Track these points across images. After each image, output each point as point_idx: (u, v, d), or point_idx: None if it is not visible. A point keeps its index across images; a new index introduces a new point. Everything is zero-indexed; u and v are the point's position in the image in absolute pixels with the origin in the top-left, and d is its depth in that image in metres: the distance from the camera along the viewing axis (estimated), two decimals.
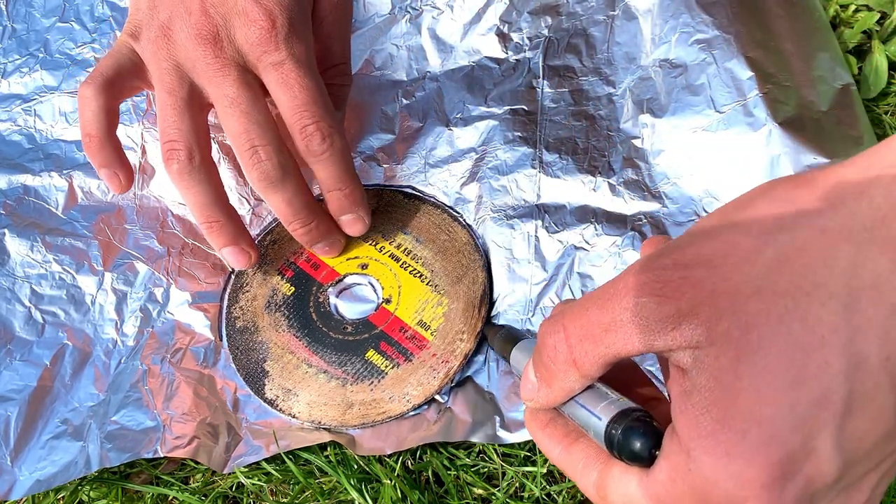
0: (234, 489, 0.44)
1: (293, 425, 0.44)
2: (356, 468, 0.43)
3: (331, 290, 0.48)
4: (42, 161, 0.55)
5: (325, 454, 0.44)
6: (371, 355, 0.45)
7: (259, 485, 0.44)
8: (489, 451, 0.43)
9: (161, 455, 0.44)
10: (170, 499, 0.45)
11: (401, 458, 0.43)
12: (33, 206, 0.54)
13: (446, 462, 0.43)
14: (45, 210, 0.54)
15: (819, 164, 0.44)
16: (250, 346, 0.47)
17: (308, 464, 0.44)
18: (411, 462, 0.43)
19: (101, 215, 0.53)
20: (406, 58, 0.56)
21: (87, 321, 0.49)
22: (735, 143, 0.46)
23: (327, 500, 0.43)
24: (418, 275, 0.48)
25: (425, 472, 0.43)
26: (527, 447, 0.43)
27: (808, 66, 0.48)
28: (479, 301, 0.46)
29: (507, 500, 0.42)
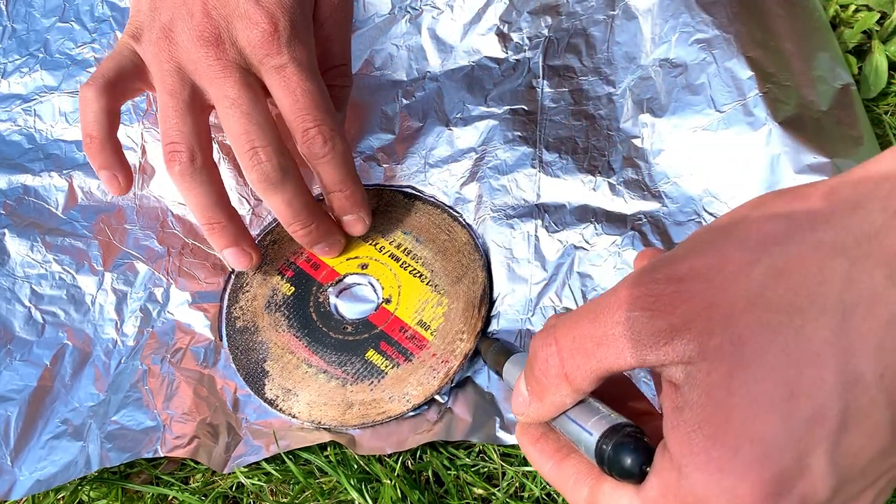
0: (234, 489, 0.44)
1: (293, 425, 0.44)
2: (356, 468, 0.43)
3: (331, 290, 0.48)
4: (42, 161, 0.55)
5: (325, 454, 0.44)
6: (371, 355, 0.45)
7: (259, 485, 0.44)
8: (489, 451, 0.43)
9: (161, 455, 0.44)
10: (170, 499, 0.45)
11: (401, 458, 0.43)
12: (33, 206, 0.54)
13: (446, 462, 0.43)
14: (45, 210, 0.54)
15: (819, 163, 0.44)
16: (250, 346, 0.47)
17: (308, 464, 0.44)
18: (411, 462, 0.43)
19: (101, 215, 0.53)
20: (406, 58, 0.56)
21: (87, 321, 0.49)
22: (735, 143, 0.46)
23: (327, 500, 0.43)
24: (418, 275, 0.48)
25: (425, 472, 0.43)
26: None
27: (808, 65, 0.48)
28: (479, 301, 0.46)
29: (507, 500, 0.42)
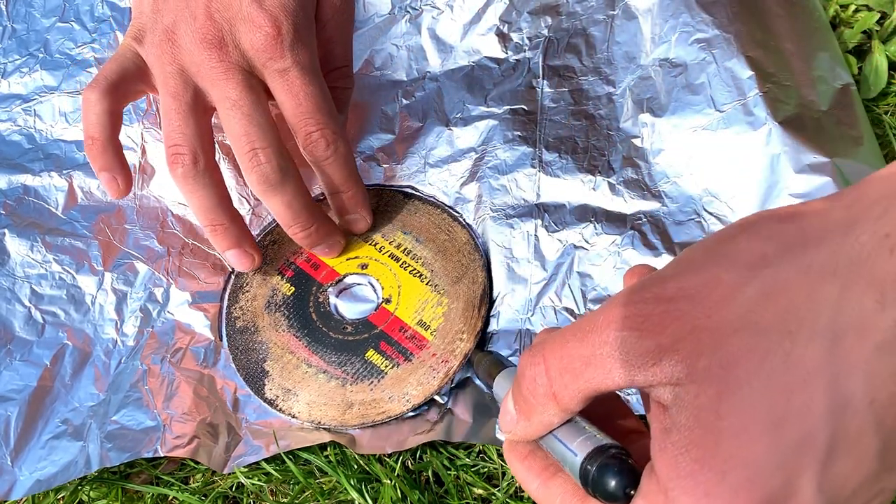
0: (234, 489, 0.44)
1: (293, 425, 0.44)
2: (356, 468, 0.43)
3: (331, 289, 0.48)
4: (42, 161, 0.55)
5: (325, 454, 0.44)
6: (371, 355, 0.45)
7: (259, 485, 0.44)
8: (489, 451, 0.43)
9: (161, 455, 0.44)
10: (170, 499, 0.45)
11: (401, 458, 0.43)
12: (33, 206, 0.54)
13: (446, 462, 0.43)
14: (45, 210, 0.54)
15: (819, 163, 0.44)
16: (250, 346, 0.47)
17: (308, 464, 0.44)
18: (411, 462, 0.43)
19: (101, 215, 0.53)
20: (406, 58, 0.56)
21: (87, 321, 0.49)
22: (735, 143, 0.46)
23: (327, 500, 0.43)
24: (418, 275, 0.48)
25: (425, 472, 0.43)
26: None
27: (808, 65, 0.48)
28: (478, 301, 0.46)
29: (507, 500, 0.42)
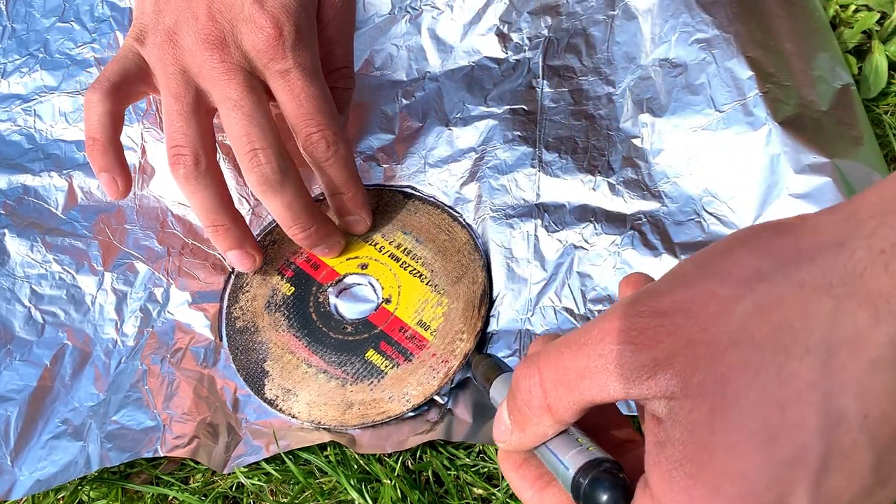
0: (234, 489, 0.44)
1: (293, 425, 0.44)
2: (356, 468, 0.43)
3: (331, 290, 0.48)
4: (42, 161, 0.55)
5: (325, 454, 0.44)
6: (371, 355, 0.45)
7: (259, 485, 0.44)
8: (489, 452, 0.43)
9: (161, 455, 0.44)
10: (170, 499, 0.45)
11: (401, 458, 0.43)
12: (33, 206, 0.54)
13: (446, 462, 0.43)
14: (45, 210, 0.54)
15: (819, 163, 0.44)
16: (250, 346, 0.47)
17: (308, 464, 0.44)
18: (411, 462, 0.43)
19: (101, 215, 0.53)
20: (406, 58, 0.56)
21: (87, 321, 0.49)
22: (735, 143, 0.46)
23: (327, 500, 0.43)
24: (418, 275, 0.48)
25: (425, 472, 0.43)
26: None
27: (808, 65, 0.48)
28: (478, 301, 0.46)
29: (507, 500, 0.42)
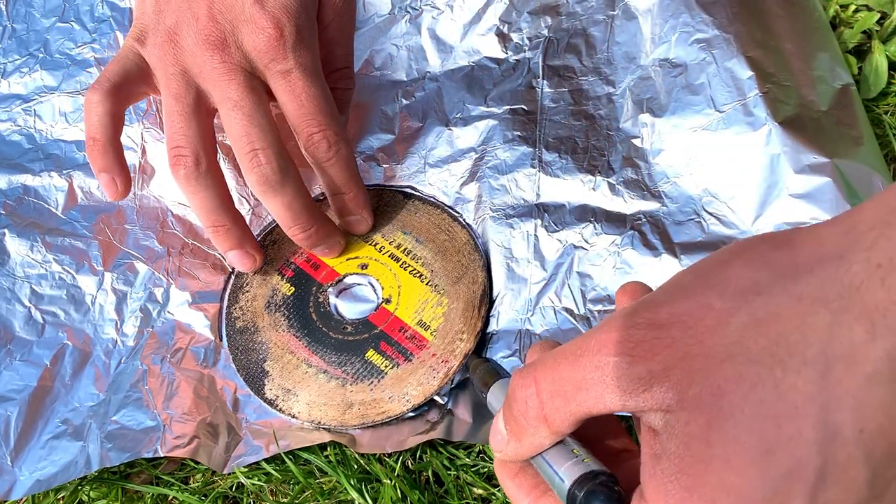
0: (234, 489, 0.44)
1: (293, 425, 0.44)
2: (356, 468, 0.43)
3: (331, 290, 0.48)
4: (42, 161, 0.55)
5: (325, 454, 0.44)
6: (371, 355, 0.45)
7: (259, 485, 0.44)
8: (489, 452, 0.43)
9: (161, 455, 0.44)
10: (170, 499, 0.45)
11: (401, 458, 0.43)
12: (33, 206, 0.54)
13: (446, 462, 0.43)
14: (45, 210, 0.54)
15: (819, 163, 0.44)
16: (250, 346, 0.47)
17: (308, 464, 0.44)
18: (411, 462, 0.43)
19: (101, 215, 0.53)
20: (406, 58, 0.56)
21: (87, 321, 0.49)
22: (735, 143, 0.46)
23: (327, 500, 0.43)
24: (418, 275, 0.48)
25: (425, 472, 0.43)
26: None
27: (808, 65, 0.48)
28: (478, 301, 0.46)
29: (507, 501, 0.42)
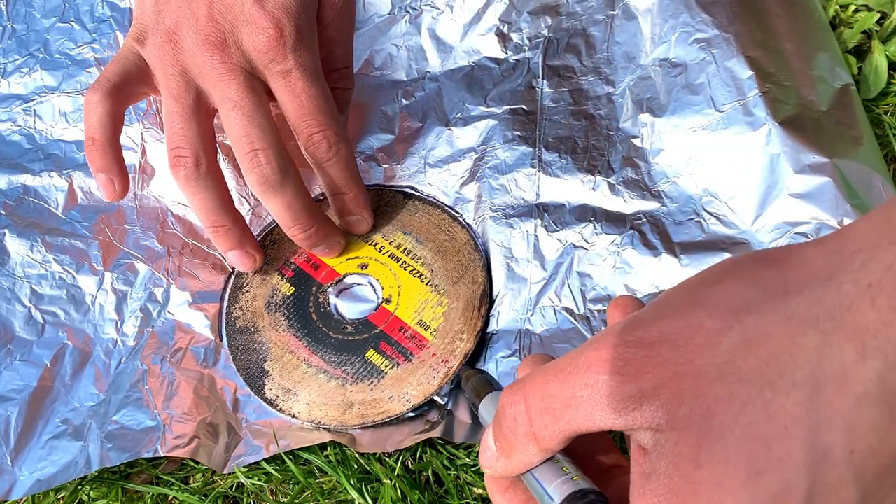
0: (234, 489, 0.44)
1: (293, 425, 0.44)
2: (356, 468, 0.43)
3: (331, 290, 0.48)
4: (42, 161, 0.55)
5: (325, 454, 0.44)
6: (371, 355, 0.45)
7: (259, 485, 0.44)
8: None
9: (161, 455, 0.44)
10: (170, 499, 0.45)
11: (401, 458, 0.43)
12: (33, 206, 0.54)
13: (446, 462, 0.43)
14: (45, 210, 0.54)
15: (819, 163, 0.44)
16: (250, 346, 0.47)
17: (308, 464, 0.44)
18: (411, 462, 0.43)
19: (101, 215, 0.53)
20: (406, 58, 0.56)
21: (87, 321, 0.49)
22: (735, 142, 0.46)
23: (327, 500, 0.43)
24: (418, 275, 0.48)
25: (425, 472, 0.43)
26: None
27: (808, 65, 0.48)
28: (478, 301, 0.46)
29: None
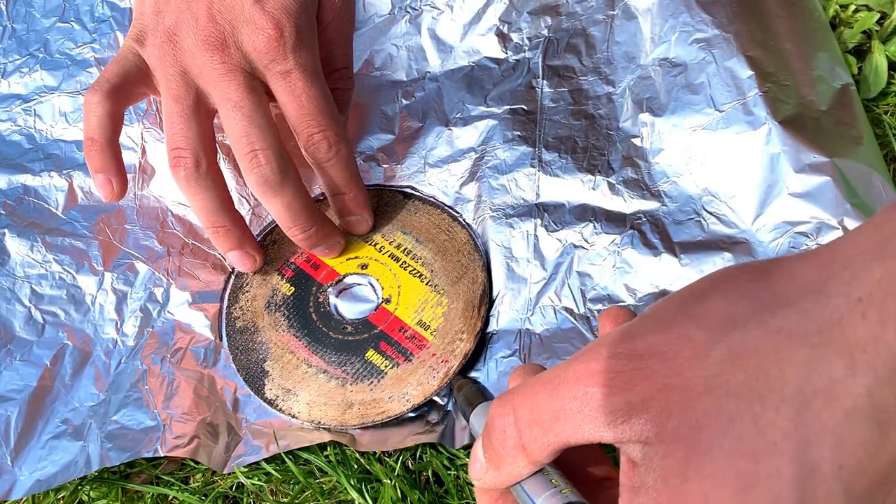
0: (234, 489, 0.44)
1: (293, 425, 0.44)
2: (356, 468, 0.43)
3: (330, 290, 0.48)
4: (42, 161, 0.55)
5: (325, 454, 0.44)
6: (371, 355, 0.45)
7: (259, 485, 0.44)
8: None
9: (161, 455, 0.44)
10: (170, 499, 0.45)
11: (401, 458, 0.43)
12: (33, 206, 0.54)
13: (446, 462, 0.43)
14: (45, 210, 0.54)
15: (818, 162, 0.44)
16: (250, 346, 0.47)
17: (308, 464, 0.44)
18: (411, 462, 0.43)
19: (101, 215, 0.53)
20: (406, 58, 0.56)
21: (87, 321, 0.49)
22: (735, 142, 0.46)
23: (327, 500, 0.43)
24: (418, 275, 0.48)
25: (425, 472, 0.43)
26: None
27: (808, 65, 0.48)
28: (478, 301, 0.46)
29: None
